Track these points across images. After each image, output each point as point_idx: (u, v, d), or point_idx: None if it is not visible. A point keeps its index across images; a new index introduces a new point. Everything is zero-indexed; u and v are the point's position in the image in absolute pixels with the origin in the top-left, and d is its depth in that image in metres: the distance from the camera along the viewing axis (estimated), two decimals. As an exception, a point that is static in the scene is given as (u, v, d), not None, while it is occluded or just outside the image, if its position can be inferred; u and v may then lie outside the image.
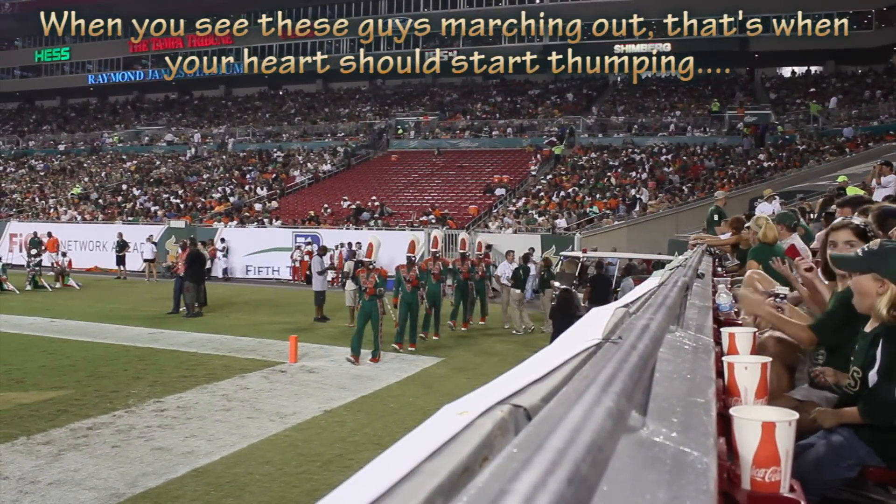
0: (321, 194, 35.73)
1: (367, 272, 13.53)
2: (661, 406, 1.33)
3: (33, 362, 12.49)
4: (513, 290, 17.25)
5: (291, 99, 52.27)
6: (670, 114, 39.47)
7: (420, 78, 49.88)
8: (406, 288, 14.62)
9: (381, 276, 14.13)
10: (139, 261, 28.98)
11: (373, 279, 13.39)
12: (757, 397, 2.02)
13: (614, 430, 0.68)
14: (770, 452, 1.44)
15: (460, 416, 0.85)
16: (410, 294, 14.62)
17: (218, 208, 35.38)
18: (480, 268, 18.08)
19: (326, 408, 10.00)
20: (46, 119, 57.34)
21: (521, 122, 41.56)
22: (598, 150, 36.56)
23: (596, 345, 1.34)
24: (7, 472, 7.21)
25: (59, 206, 38.74)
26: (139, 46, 54.20)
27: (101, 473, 7.31)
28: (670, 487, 0.96)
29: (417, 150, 40.67)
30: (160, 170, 43.14)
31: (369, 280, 13.36)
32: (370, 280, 13.36)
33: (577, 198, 31.01)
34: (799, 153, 32.09)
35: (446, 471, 0.68)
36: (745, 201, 24.84)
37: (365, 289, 13.30)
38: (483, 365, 13.05)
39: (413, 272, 14.70)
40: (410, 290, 14.62)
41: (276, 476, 7.35)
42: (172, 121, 51.95)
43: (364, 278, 13.46)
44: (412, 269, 14.83)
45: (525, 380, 1.05)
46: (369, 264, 13.76)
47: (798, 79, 43.33)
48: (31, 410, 9.43)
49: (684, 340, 2.30)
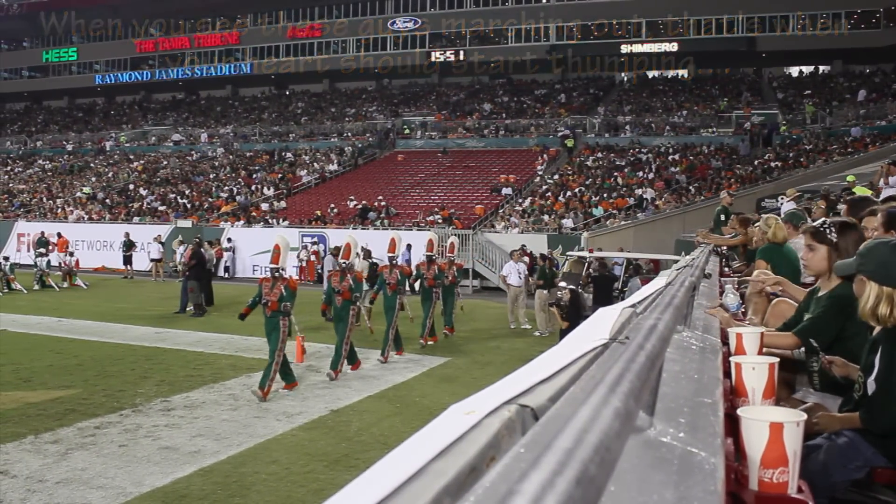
0: (327, 194, 35.76)
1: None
2: (669, 406, 1.33)
3: (41, 361, 12.54)
4: (540, 291, 17.12)
5: (298, 99, 52.36)
6: (677, 113, 39.39)
7: (426, 78, 49.96)
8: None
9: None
10: (146, 260, 29.07)
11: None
12: (764, 398, 2.01)
13: (622, 431, 0.67)
14: (778, 453, 1.43)
15: (467, 416, 0.85)
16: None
17: (225, 208, 35.44)
18: (451, 272, 16.33)
19: (333, 407, 10.01)
20: (54, 119, 57.56)
21: (527, 121, 41.55)
22: (604, 150, 36.52)
23: (603, 345, 1.34)
24: (15, 471, 7.23)
25: (66, 206, 38.87)
26: (146, 46, 54.48)
27: (109, 472, 7.33)
28: (678, 488, 0.96)
29: (424, 149, 40.69)
30: (167, 169, 43.26)
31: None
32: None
33: (583, 198, 30.97)
34: (806, 153, 32.00)
35: (454, 471, 0.67)
36: (752, 201, 24.78)
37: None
38: (490, 365, 13.04)
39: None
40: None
41: (283, 475, 7.35)
42: (179, 121, 52.09)
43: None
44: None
45: (532, 380, 1.05)
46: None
47: (805, 78, 43.21)
48: (39, 409, 9.47)
49: (691, 340, 2.30)
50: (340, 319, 12.26)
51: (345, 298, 12.21)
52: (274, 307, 10.79)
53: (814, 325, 3.15)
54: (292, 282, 11.28)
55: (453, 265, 16.53)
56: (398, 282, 14.05)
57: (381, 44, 48.53)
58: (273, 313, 10.81)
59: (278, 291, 10.85)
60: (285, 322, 10.84)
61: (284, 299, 10.82)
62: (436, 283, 15.26)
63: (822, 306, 3.17)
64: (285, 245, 11.65)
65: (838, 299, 3.04)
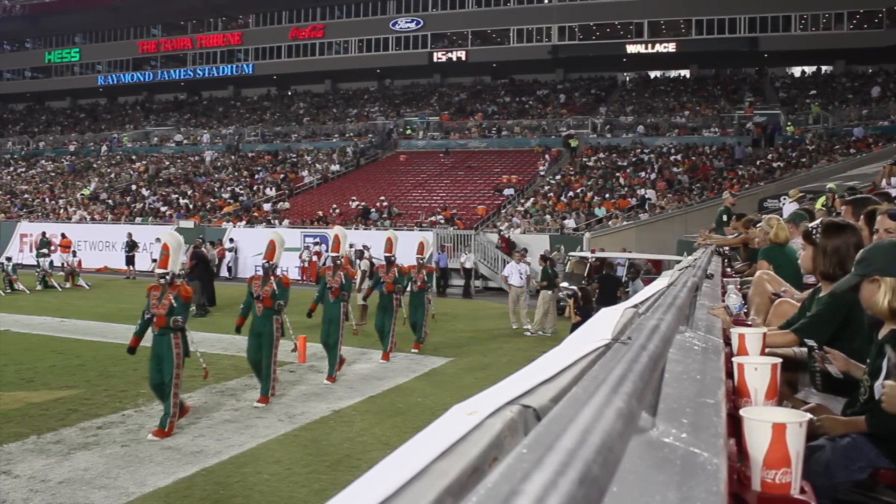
0: (330, 194, 35.79)
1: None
2: (671, 407, 1.33)
3: (43, 362, 12.54)
4: (543, 291, 17.11)
5: (300, 99, 52.39)
6: (679, 114, 39.38)
7: (428, 78, 49.95)
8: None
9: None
10: (148, 261, 29.08)
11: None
12: (767, 398, 2.01)
13: (625, 431, 0.67)
14: (781, 454, 1.43)
15: (470, 417, 0.85)
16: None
17: (227, 209, 35.47)
18: (420, 277, 14.91)
19: (335, 407, 10.01)
20: (57, 120, 57.63)
21: (529, 121, 41.56)
22: (606, 151, 36.52)
23: (605, 345, 1.34)
24: (18, 471, 7.24)
25: (69, 207, 38.92)
26: (148, 47, 54.55)
27: (111, 472, 7.33)
28: (680, 488, 0.95)
29: (426, 150, 40.71)
30: (169, 170, 43.30)
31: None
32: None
33: (585, 198, 30.96)
34: (809, 153, 31.98)
35: (456, 471, 0.67)
36: (754, 201, 24.78)
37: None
38: (492, 365, 13.04)
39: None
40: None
41: (285, 476, 7.36)
42: (181, 121, 52.14)
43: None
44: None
45: (534, 380, 1.05)
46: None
47: (808, 78, 43.16)
48: (42, 409, 9.48)
49: (694, 341, 2.30)
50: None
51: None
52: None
53: (812, 322, 3.16)
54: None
55: (423, 269, 15.16)
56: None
57: (382, 44, 48.54)
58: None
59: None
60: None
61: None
62: (395, 289, 13.90)
63: (823, 304, 3.17)
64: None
65: (838, 298, 3.04)
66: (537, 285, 17.71)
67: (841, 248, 3.32)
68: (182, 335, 8.94)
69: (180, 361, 8.83)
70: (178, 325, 8.82)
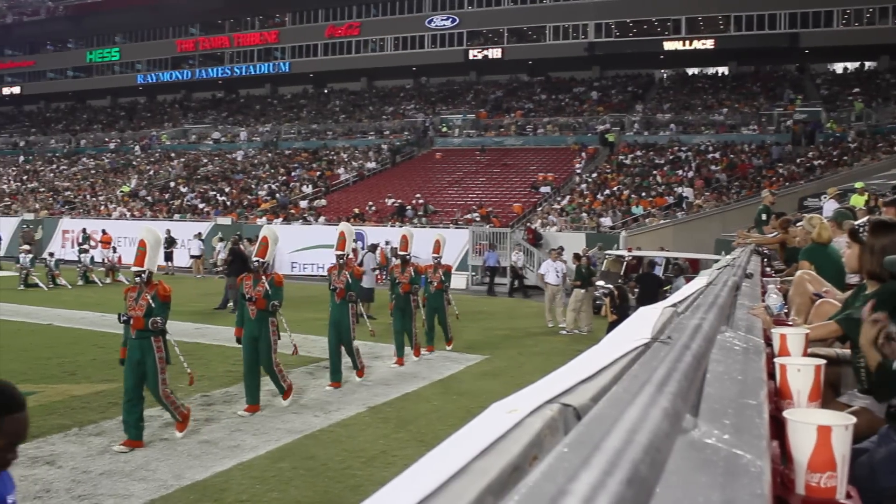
0: (366, 192, 35.94)
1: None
2: (713, 407, 1.31)
3: (84, 355, 12.77)
4: (577, 290, 17.04)
5: (336, 97, 52.69)
6: (717, 111, 38.89)
7: (464, 75, 49.94)
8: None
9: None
10: (186, 257, 29.50)
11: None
12: (810, 400, 1.97)
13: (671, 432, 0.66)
14: (826, 457, 1.40)
15: (510, 415, 0.84)
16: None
17: (264, 205, 35.81)
18: (436, 277, 14.25)
19: (370, 404, 10.05)
20: (98, 118, 58.65)
21: (566, 119, 41.35)
22: (643, 149, 36.20)
23: (644, 344, 1.32)
24: (61, 462, 7.38)
25: (108, 204, 39.58)
26: (186, 46, 55.26)
27: (150, 465, 7.45)
28: (724, 490, 0.94)
29: (462, 147, 40.70)
30: (207, 167, 43.83)
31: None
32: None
33: (622, 196, 30.73)
34: (850, 151, 31.39)
35: (496, 469, 0.67)
36: (794, 200, 24.39)
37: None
38: (526, 364, 13.00)
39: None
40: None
41: (320, 471, 7.40)
42: (219, 119, 52.74)
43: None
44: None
45: (574, 379, 1.03)
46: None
47: (850, 75, 42.35)
48: (83, 402, 9.66)
49: (734, 341, 2.26)
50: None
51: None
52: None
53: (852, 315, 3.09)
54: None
55: (440, 268, 14.40)
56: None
57: (418, 42, 48.63)
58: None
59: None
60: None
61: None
62: (412, 289, 13.37)
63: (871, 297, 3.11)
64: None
65: (886, 293, 2.98)
66: (571, 284, 17.62)
67: (888, 247, 3.25)
68: (163, 338, 8.34)
69: (163, 366, 8.27)
70: (158, 328, 8.23)
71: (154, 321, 8.20)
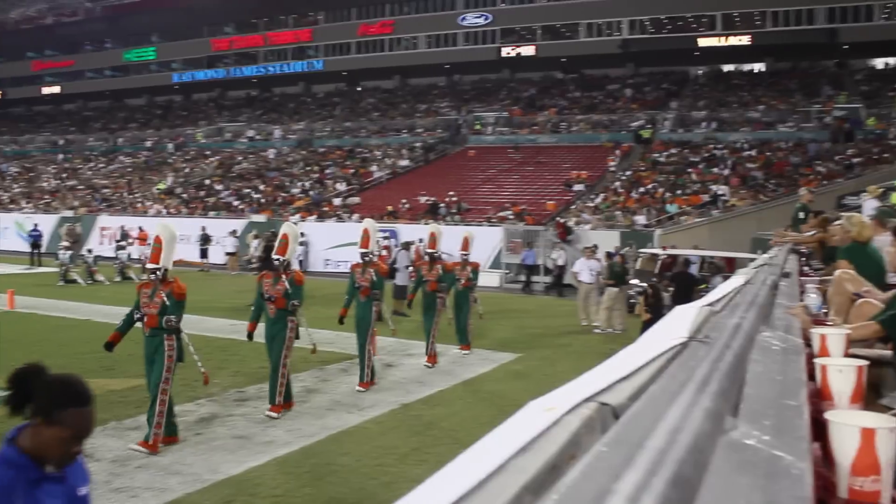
0: (399, 189, 36.01)
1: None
2: (753, 408, 1.28)
3: (121, 350, 12.81)
4: (609, 289, 16.97)
5: (369, 95, 52.87)
6: (754, 108, 38.35)
7: (497, 73, 49.81)
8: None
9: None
10: (222, 254, 29.81)
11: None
12: (852, 402, 1.93)
13: (713, 432, 0.65)
14: (870, 460, 1.37)
15: (547, 413, 0.84)
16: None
17: (297, 203, 36.06)
18: (465, 274, 14.10)
19: (404, 401, 10.08)
20: (134, 117, 59.47)
21: (599, 117, 41.08)
22: (678, 146, 35.83)
23: (682, 343, 1.30)
24: (99, 455, 7.50)
25: (145, 201, 40.14)
26: (221, 45, 55.81)
27: (186, 459, 7.54)
28: (765, 492, 0.92)
29: (495, 145, 40.61)
30: (241, 165, 44.24)
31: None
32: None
33: (656, 194, 30.46)
34: (892, 148, 30.78)
35: (534, 468, 0.66)
36: (831, 198, 23.98)
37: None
38: (559, 362, 12.94)
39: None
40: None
41: (355, 467, 7.43)
42: (253, 117, 53.19)
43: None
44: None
45: (610, 377, 1.02)
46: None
47: (891, 70, 41.50)
48: (120, 396, 9.81)
49: (773, 341, 2.22)
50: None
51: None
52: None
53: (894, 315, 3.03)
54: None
55: (468, 265, 14.32)
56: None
57: (451, 39, 48.61)
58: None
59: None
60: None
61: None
62: (440, 288, 13.14)
63: None
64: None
65: None
66: (604, 282, 17.51)
67: None
68: (177, 337, 8.23)
69: (171, 365, 8.12)
70: (172, 326, 8.12)
71: (168, 319, 8.10)
